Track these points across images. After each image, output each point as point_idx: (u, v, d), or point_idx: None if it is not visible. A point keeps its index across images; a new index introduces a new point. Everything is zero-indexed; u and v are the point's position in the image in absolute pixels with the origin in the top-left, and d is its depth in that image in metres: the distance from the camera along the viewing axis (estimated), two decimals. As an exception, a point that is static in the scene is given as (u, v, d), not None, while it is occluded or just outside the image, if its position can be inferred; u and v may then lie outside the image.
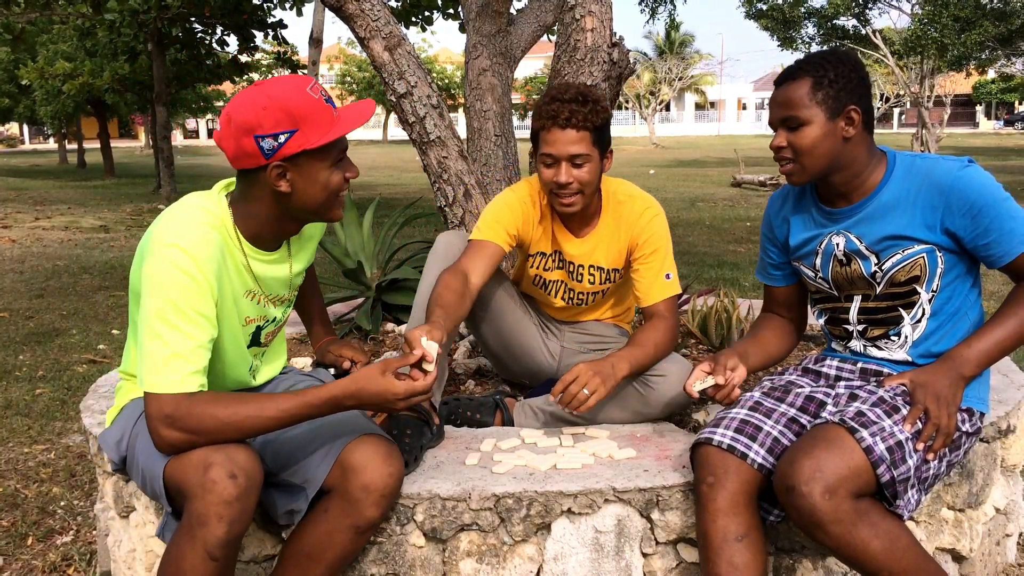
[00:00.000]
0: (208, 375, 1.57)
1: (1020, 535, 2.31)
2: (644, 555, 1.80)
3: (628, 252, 2.18)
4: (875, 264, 1.78)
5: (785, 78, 1.75)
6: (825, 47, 19.06)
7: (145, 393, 1.49)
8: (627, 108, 46.68)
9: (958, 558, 2.02)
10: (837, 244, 1.82)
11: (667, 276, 2.14)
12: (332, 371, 1.99)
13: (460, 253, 2.13)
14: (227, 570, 1.49)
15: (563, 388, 1.87)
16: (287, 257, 1.75)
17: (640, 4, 12.03)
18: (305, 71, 11.86)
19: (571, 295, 2.29)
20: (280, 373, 1.93)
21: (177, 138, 47.74)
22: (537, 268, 2.27)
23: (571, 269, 2.24)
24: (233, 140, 1.52)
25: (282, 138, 1.49)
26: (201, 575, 1.44)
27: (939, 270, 1.74)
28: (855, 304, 1.84)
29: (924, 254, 1.73)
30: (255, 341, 1.77)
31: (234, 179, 1.65)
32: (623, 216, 2.16)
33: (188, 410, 1.47)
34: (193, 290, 1.49)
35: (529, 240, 2.23)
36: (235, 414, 1.48)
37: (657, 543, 1.79)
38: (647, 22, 12.87)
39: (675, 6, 12.77)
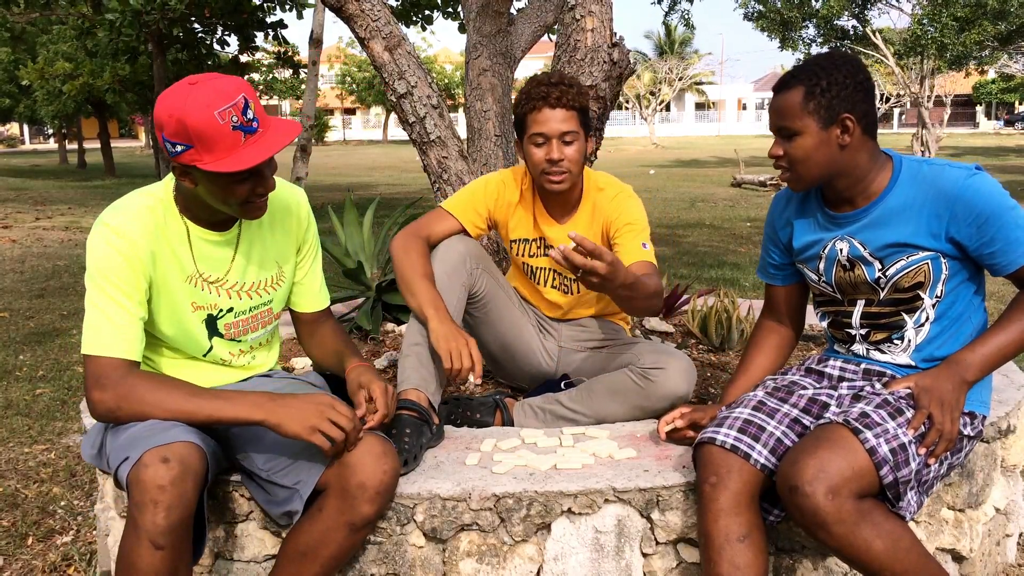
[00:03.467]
0: (158, 355, 1.73)
1: (1020, 535, 2.31)
2: (644, 555, 1.79)
3: (605, 233, 2.21)
4: (879, 270, 1.77)
5: (780, 86, 1.73)
6: (826, 47, 19.06)
7: (84, 356, 1.58)
8: (627, 108, 46.61)
9: (958, 558, 2.02)
10: (841, 250, 1.80)
11: (643, 245, 2.12)
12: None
13: (460, 257, 2.15)
14: (177, 560, 1.48)
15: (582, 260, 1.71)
16: (234, 241, 1.75)
17: (655, 2, 12.07)
18: (305, 71, 11.83)
19: (561, 281, 2.31)
20: (266, 374, 1.91)
21: (177, 138, 47.60)
22: (523, 256, 2.32)
23: None
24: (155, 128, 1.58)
25: (179, 148, 1.52)
26: (149, 565, 1.44)
27: (943, 276, 1.73)
28: (858, 308, 1.84)
29: (928, 261, 1.72)
30: (214, 331, 1.77)
31: None
32: (600, 203, 2.23)
33: (121, 378, 1.56)
34: (121, 265, 1.59)
35: (505, 222, 2.29)
36: (160, 400, 1.55)
37: (657, 543, 1.78)
38: (664, 17, 12.85)
39: (692, 1, 12.79)
